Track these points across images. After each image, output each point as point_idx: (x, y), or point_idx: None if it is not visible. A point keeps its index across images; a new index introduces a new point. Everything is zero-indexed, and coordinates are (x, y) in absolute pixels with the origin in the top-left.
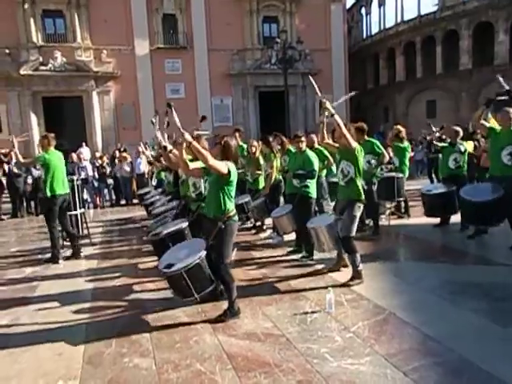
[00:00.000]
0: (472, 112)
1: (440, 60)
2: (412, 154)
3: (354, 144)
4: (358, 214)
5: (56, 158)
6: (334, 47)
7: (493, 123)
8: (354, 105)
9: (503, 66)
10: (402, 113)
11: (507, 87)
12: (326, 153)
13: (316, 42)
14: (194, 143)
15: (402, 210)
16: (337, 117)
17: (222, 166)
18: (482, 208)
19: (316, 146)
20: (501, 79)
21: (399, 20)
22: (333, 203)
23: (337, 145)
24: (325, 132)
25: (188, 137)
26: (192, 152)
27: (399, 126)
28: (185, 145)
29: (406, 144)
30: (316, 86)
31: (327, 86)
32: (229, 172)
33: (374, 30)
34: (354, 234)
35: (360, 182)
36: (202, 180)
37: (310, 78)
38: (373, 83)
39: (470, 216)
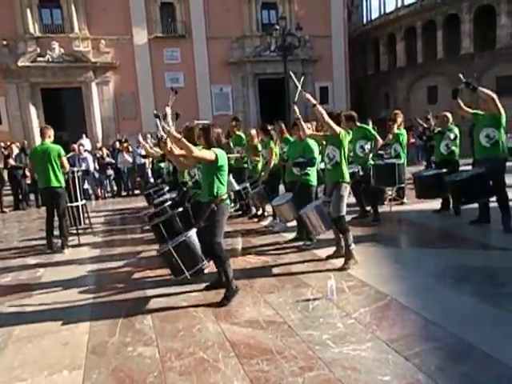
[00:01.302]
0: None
1: (441, 45)
2: (413, 140)
3: (338, 129)
4: (346, 193)
5: (38, 151)
6: (334, 33)
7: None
8: (354, 91)
9: (505, 50)
10: (403, 99)
11: (466, 80)
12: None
13: (316, 28)
14: (183, 140)
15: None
16: (319, 107)
17: (208, 154)
18: (465, 184)
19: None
20: (461, 76)
21: (399, 4)
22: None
23: (321, 133)
24: (304, 125)
25: (175, 134)
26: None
27: (397, 111)
28: (169, 142)
29: (400, 131)
30: (296, 80)
31: (327, 72)
32: (216, 158)
33: (374, 14)
34: (344, 213)
35: (345, 165)
36: (196, 169)
37: (291, 73)
38: (373, 69)
39: (458, 195)
